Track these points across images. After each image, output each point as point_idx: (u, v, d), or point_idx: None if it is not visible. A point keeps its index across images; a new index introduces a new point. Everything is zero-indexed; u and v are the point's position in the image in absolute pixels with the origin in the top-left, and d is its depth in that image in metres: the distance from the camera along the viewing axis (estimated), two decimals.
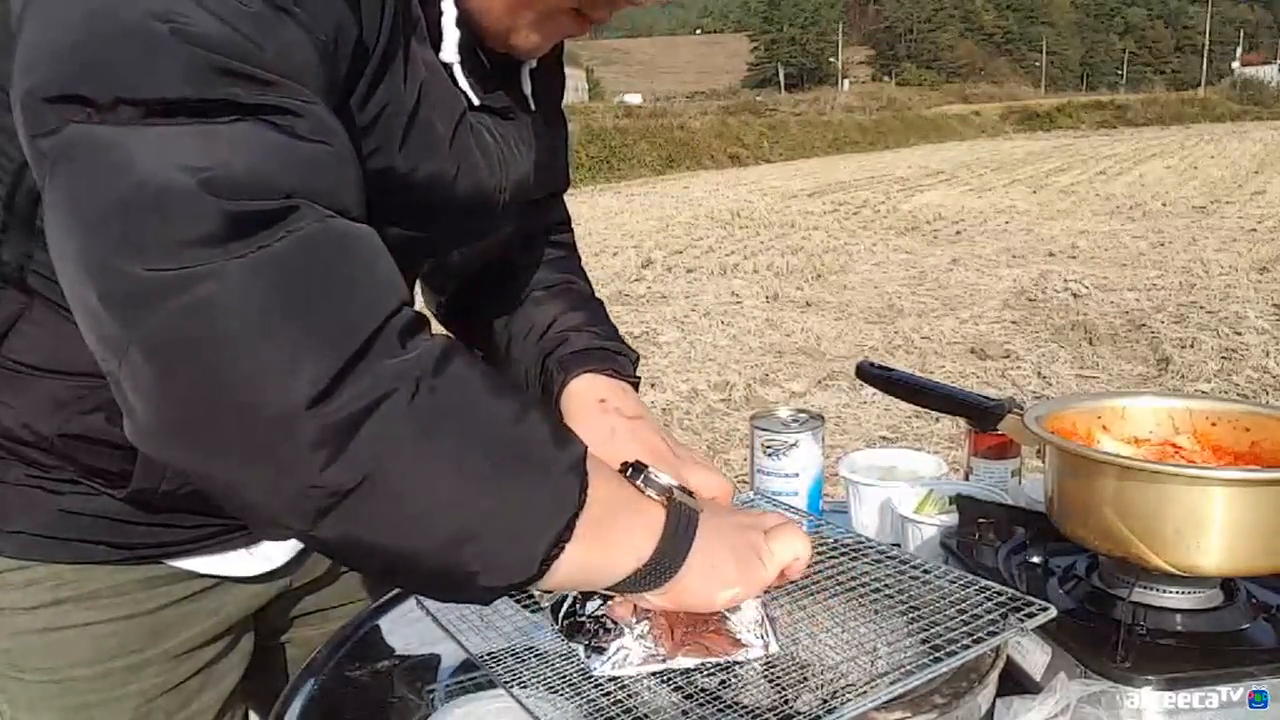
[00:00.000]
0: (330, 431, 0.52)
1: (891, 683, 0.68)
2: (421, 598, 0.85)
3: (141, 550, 0.87)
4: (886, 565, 0.85)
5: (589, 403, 0.89)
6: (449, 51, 0.73)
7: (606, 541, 0.63)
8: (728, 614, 0.73)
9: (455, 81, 0.75)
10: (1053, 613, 0.74)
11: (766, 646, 0.74)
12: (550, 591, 0.72)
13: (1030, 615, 0.74)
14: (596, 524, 0.61)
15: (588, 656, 0.72)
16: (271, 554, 0.95)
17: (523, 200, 0.90)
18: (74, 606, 0.86)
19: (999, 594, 0.77)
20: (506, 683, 0.73)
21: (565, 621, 0.75)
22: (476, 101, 0.77)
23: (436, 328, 0.64)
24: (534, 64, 0.86)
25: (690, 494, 0.70)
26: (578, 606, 0.74)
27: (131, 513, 0.84)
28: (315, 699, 0.85)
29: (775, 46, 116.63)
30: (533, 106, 0.87)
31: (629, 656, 0.71)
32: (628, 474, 0.68)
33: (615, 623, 0.72)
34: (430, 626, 0.84)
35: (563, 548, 0.59)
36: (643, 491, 0.67)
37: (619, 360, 0.93)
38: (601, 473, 0.64)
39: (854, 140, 29.51)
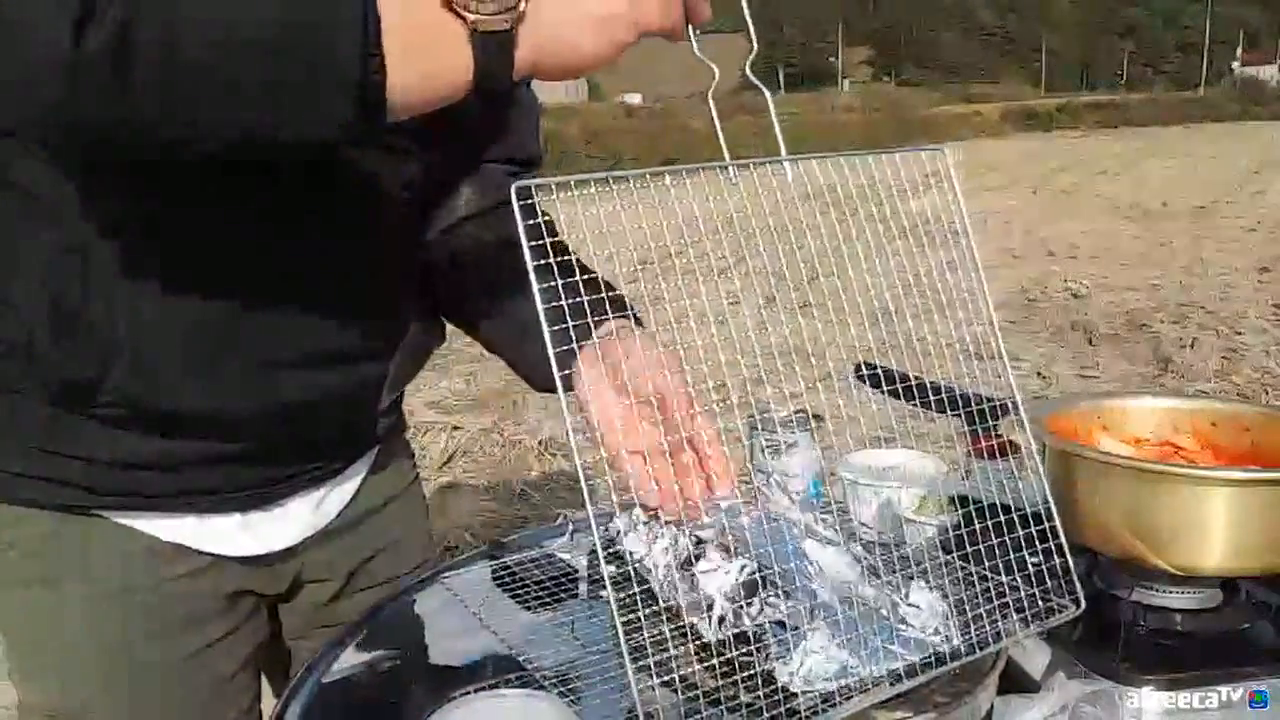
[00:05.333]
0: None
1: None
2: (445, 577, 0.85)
3: (120, 498, 0.87)
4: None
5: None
6: None
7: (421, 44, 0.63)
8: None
9: None
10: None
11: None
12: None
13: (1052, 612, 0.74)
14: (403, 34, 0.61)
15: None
16: (269, 536, 0.96)
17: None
18: (62, 578, 0.88)
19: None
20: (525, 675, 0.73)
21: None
22: None
23: None
24: None
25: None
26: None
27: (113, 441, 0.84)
28: (315, 699, 0.85)
29: (775, 46, 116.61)
30: None
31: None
32: None
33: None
34: (430, 627, 0.84)
35: (379, 59, 0.60)
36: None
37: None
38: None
39: (854, 140, 29.44)
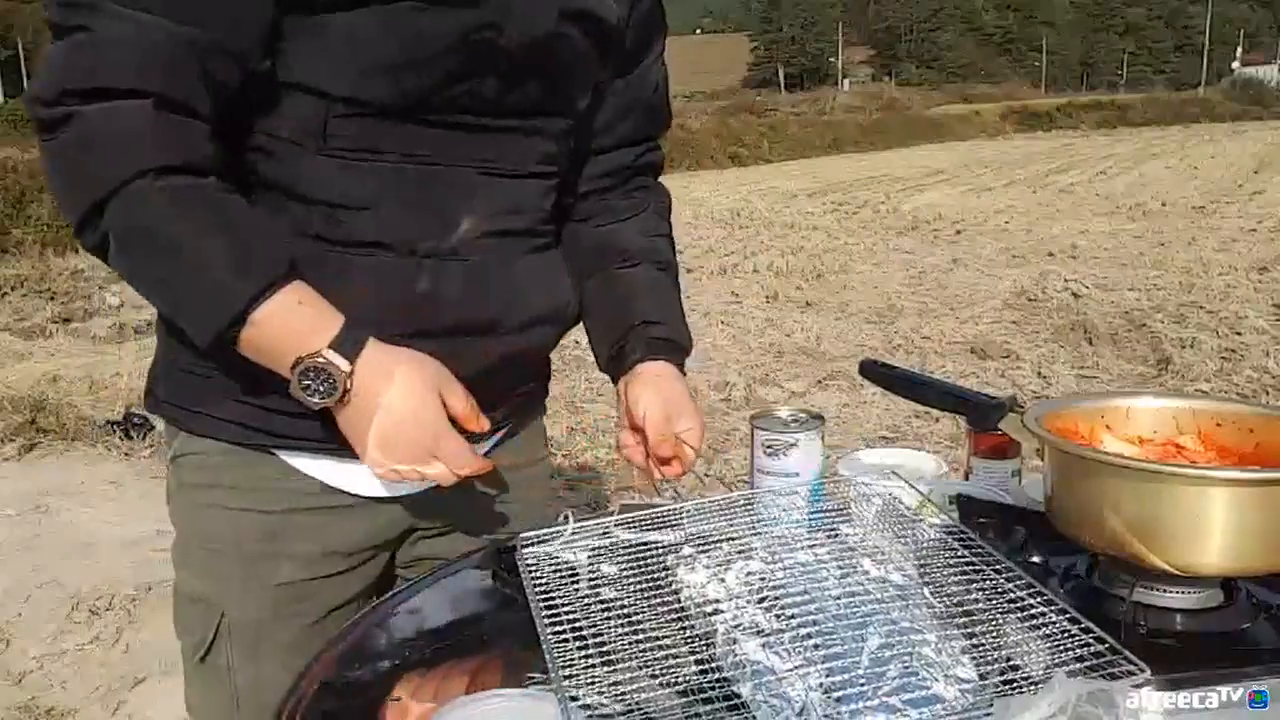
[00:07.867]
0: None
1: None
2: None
3: (279, 439, 1.00)
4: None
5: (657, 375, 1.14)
6: None
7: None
8: None
9: None
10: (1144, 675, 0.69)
11: None
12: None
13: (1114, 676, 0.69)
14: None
15: None
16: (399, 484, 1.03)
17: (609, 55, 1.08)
18: (224, 491, 1.02)
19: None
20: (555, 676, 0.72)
21: None
22: None
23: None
24: None
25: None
26: None
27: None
28: (317, 699, 0.85)
29: (775, 46, 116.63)
30: None
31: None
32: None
33: None
34: (431, 626, 0.84)
35: (237, 332, 0.85)
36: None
37: (679, 354, 1.19)
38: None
39: (854, 140, 29.38)
